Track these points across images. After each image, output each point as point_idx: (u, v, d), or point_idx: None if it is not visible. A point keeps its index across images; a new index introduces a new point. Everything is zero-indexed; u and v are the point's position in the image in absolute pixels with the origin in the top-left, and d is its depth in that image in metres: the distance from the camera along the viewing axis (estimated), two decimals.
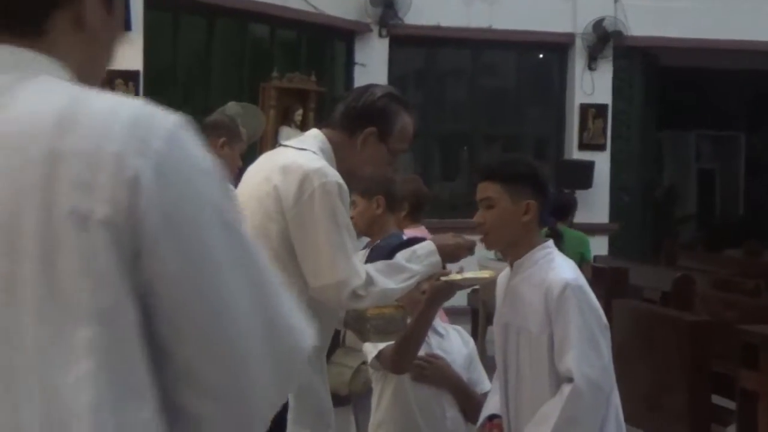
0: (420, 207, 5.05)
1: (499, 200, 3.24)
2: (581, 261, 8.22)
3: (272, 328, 1.31)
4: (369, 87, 3.30)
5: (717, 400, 6.63)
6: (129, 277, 1.20)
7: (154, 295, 1.21)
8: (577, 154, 13.86)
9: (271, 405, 1.36)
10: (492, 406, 3.46)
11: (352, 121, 3.18)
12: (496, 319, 3.43)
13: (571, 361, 3.09)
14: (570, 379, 3.10)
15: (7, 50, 1.30)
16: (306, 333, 1.36)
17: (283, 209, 3.00)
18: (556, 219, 8.44)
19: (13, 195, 1.20)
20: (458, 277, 3.46)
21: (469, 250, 3.31)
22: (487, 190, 3.27)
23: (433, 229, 4.79)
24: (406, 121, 3.22)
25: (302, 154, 3.07)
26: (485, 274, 3.60)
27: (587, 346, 3.12)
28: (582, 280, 3.22)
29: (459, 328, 4.21)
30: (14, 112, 1.24)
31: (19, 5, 1.30)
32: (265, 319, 1.30)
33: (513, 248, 3.32)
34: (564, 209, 8.54)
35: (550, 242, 3.35)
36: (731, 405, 6.56)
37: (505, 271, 3.43)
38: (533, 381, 3.23)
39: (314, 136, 3.19)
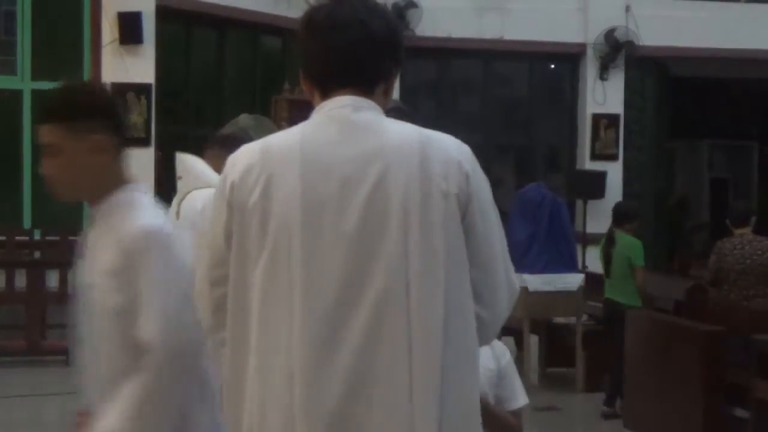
0: None
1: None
2: (629, 265, 8.42)
3: (507, 267, 2.38)
4: None
5: (731, 410, 6.60)
6: (461, 226, 2.25)
7: (467, 235, 2.27)
8: (589, 164, 13.85)
9: (504, 317, 2.40)
10: None
11: None
12: None
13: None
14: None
15: (365, 100, 2.33)
16: (516, 278, 2.43)
17: None
18: (615, 225, 8.73)
19: (405, 182, 2.22)
20: None
21: None
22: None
23: None
24: None
25: None
26: None
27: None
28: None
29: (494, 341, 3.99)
30: (393, 133, 2.30)
31: (366, 76, 2.35)
32: (505, 261, 2.37)
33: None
34: (621, 216, 8.74)
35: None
36: (746, 415, 6.54)
37: None
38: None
39: None
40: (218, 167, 4.58)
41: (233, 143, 4.72)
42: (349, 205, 2.22)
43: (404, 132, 2.31)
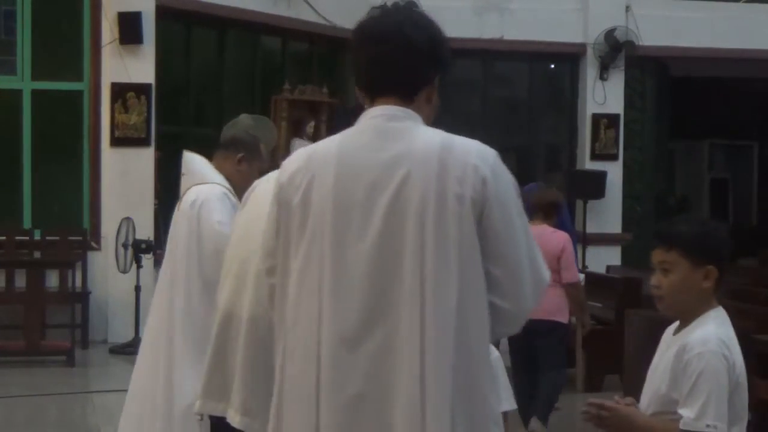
0: None
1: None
2: None
3: (534, 262, 2.48)
4: None
5: None
6: (477, 229, 2.38)
7: (485, 238, 2.40)
8: (589, 164, 13.85)
9: (529, 308, 2.50)
10: None
11: None
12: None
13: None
14: None
15: (402, 109, 2.51)
16: (546, 271, 2.53)
17: None
18: None
19: (423, 185, 2.38)
20: None
21: None
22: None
23: None
24: None
25: None
26: None
27: None
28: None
29: None
30: (419, 140, 2.45)
31: (405, 85, 2.54)
32: (531, 257, 2.47)
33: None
34: None
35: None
36: None
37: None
38: None
39: None
40: (225, 168, 4.71)
41: (238, 146, 4.78)
42: (374, 208, 2.41)
43: (429, 138, 2.46)
